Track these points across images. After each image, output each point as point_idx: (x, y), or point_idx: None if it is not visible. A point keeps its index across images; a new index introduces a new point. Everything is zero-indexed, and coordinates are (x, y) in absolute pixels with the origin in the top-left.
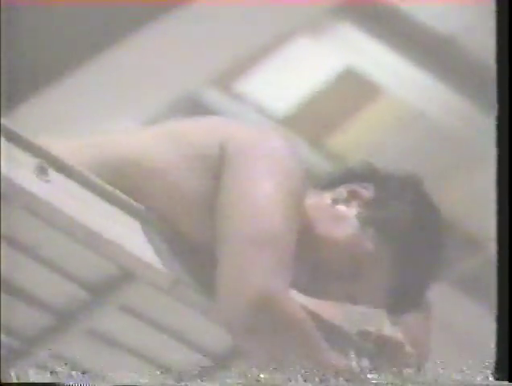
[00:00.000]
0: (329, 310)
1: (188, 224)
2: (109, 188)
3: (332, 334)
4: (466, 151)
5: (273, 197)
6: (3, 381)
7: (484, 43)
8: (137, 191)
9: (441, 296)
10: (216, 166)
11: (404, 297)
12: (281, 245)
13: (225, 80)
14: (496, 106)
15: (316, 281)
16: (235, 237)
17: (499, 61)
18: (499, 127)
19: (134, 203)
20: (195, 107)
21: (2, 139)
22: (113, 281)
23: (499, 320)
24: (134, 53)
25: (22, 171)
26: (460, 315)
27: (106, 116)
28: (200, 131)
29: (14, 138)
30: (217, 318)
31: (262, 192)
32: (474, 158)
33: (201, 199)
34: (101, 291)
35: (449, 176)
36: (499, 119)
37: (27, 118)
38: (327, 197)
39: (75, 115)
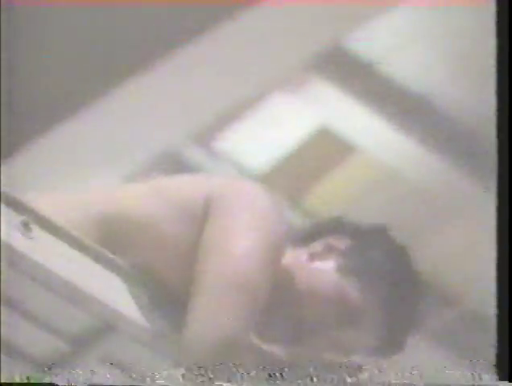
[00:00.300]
0: None
1: (174, 275)
2: (92, 245)
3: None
4: (442, 211)
5: (251, 248)
6: (3, 381)
7: (462, 100)
8: (124, 245)
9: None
10: (201, 219)
11: (392, 341)
12: (252, 294)
13: (205, 137)
14: (476, 163)
15: (300, 335)
16: (209, 281)
17: (499, 62)
18: (499, 137)
19: (117, 259)
20: (175, 164)
21: None
22: (95, 334)
23: (499, 320)
24: (117, 107)
25: (7, 228)
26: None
27: (90, 171)
28: (185, 186)
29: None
30: (184, 352)
31: (240, 242)
32: (451, 217)
33: (186, 250)
34: (82, 343)
35: (422, 231)
36: (498, 126)
37: (14, 173)
38: (303, 253)
39: (59, 169)
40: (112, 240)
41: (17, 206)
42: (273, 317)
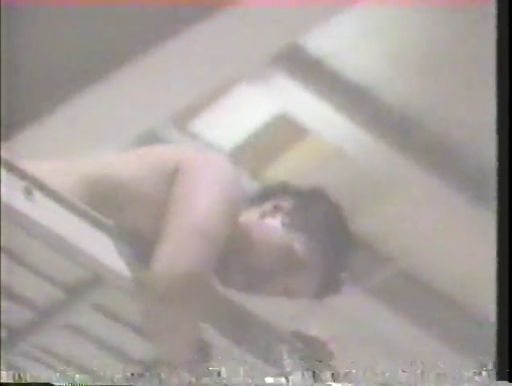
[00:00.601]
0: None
1: (151, 229)
2: (82, 206)
3: (267, 332)
4: (379, 184)
5: (212, 204)
6: (3, 381)
7: (402, 91)
8: (109, 204)
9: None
10: (171, 181)
11: (330, 284)
12: (210, 241)
13: (181, 120)
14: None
15: (254, 281)
16: (176, 228)
17: (499, 61)
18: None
19: (103, 218)
20: (156, 142)
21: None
22: (85, 283)
23: (499, 320)
24: (108, 94)
25: (10, 191)
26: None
27: (87, 144)
28: (161, 153)
29: (5, 164)
30: (151, 287)
31: (203, 199)
32: (388, 189)
33: (160, 207)
34: (75, 291)
35: (363, 201)
36: (499, 133)
37: (22, 145)
38: (255, 212)
39: (57, 144)
40: (99, 200)
41: (19, 172)
42: (229, 265)
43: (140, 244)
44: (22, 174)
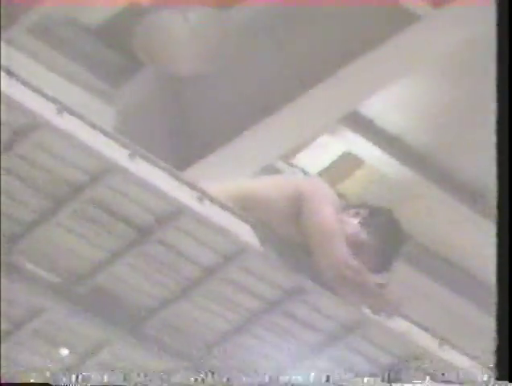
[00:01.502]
0: None
1: (280, 229)
2: (237, 209)
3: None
4: (405, 197)
5: (329, 216)
6: (3, 381)
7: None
8: (252, 210)
9: None
10: (297, 202)
11: (382, 264)
12: (338, 239)
13: (288, 157)
14: None
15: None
16: (316, 236)
17: (499, 63)
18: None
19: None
20: (274, 171)
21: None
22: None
23: (499, 320)
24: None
25: (189, 199)
26: None
27: (233, 171)
28: (287, 182)
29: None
30: (321, 273)
31: (325, 215)
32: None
33: (288, 218)
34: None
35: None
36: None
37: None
38: (345, 215)
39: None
40: (245, 209)
41: (192, 186)
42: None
43: (273, 239)
44: (194, 187)
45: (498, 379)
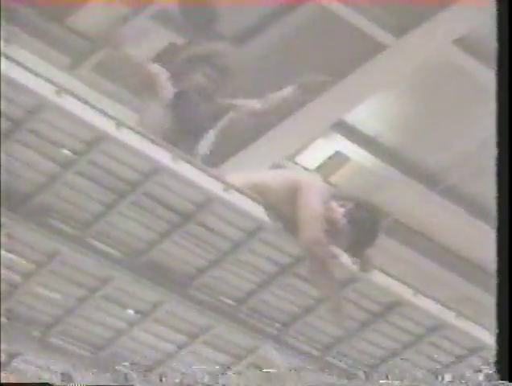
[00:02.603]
0: None
1: (284, 210)
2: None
3: None
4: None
5: (315, 204)
6: (3, 381)
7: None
8: (265, 196)
9: None
10: (295, 191)
11: (354, 251)
12: (317, 221)
13: (292, 156)
14: None
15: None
16: (302, 217)
17: (500, 65)
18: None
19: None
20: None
21: None
22: None
23: (499, 320)
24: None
25: (216, 189)
26: None
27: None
28: (289, 175)
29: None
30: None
31: (312, 203)
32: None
33: (288, 202)
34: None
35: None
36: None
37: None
38: (336, 202)
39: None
40: (260, 196)
41: (217, 178)
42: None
43: (281, 219)
44: (220, 180)
45: (498, 379)
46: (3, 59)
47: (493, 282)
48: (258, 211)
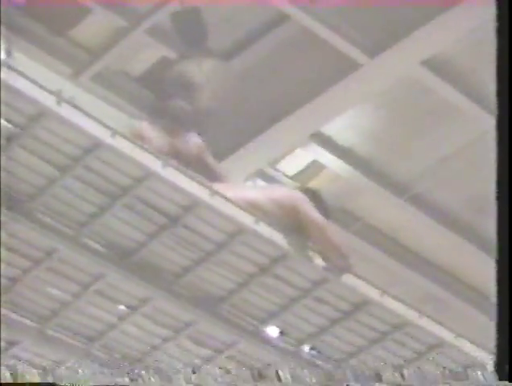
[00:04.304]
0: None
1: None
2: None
3: None
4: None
5: (315, 213)
6: (3, 381)
7: None
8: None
9: None
10: (292, 208)
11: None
12: (327, 226)
13: (273, 164)
14: None
15: None
16: (314, 224)
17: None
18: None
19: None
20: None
21: None
22: None
23: (499, 320)
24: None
25: (201, 192)
26: None
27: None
28: (281, 192)
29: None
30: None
31: (313, 213)
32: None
33: (279, 215)
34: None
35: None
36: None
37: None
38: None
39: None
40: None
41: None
42: None
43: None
44: (207, 187)
45: (498, 379)
46: (6, 70)
47: (454, 281)
48: (240, 215)
